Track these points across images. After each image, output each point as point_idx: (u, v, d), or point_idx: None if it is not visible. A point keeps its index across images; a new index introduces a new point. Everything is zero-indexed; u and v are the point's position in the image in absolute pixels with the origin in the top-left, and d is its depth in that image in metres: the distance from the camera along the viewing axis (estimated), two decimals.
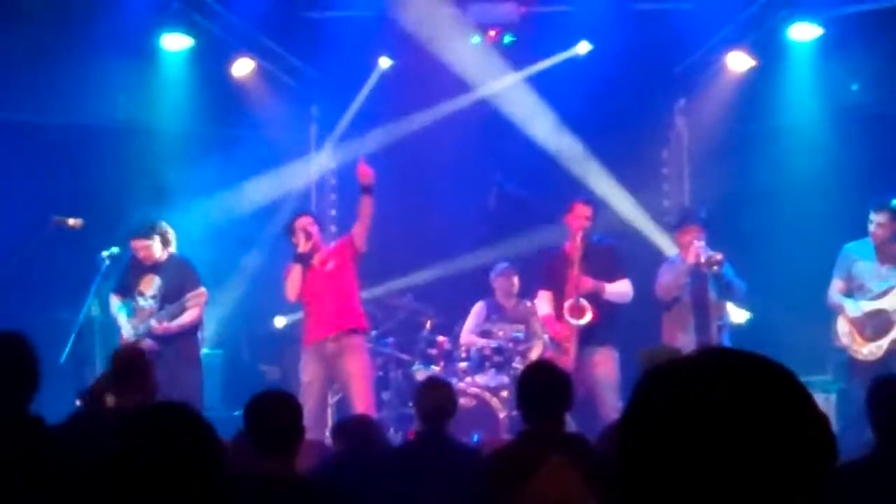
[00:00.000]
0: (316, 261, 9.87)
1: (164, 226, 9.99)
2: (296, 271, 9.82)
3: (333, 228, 12.58)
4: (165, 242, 9.92)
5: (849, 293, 9.81)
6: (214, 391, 11.27)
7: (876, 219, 9.61)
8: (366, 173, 9.78)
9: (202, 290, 9.80)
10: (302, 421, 5.08)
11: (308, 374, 9.82)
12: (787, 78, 11.52)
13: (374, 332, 11.07)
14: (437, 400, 6.38)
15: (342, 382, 9.92)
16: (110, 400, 6.46)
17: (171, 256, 9.96)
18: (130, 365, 6.59)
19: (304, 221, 9.98)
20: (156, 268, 9.90)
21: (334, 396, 10.70)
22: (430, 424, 6.33)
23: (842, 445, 1.67)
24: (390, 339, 11.41)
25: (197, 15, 10.72)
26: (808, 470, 1.52)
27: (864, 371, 9.18)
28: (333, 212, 12.80)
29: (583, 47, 11.83)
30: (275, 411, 4.97)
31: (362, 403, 9.47)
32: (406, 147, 12.22)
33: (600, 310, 9.95)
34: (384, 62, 12.20)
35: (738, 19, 11.07)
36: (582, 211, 10.12)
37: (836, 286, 9.86)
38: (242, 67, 11.54)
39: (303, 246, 9.81)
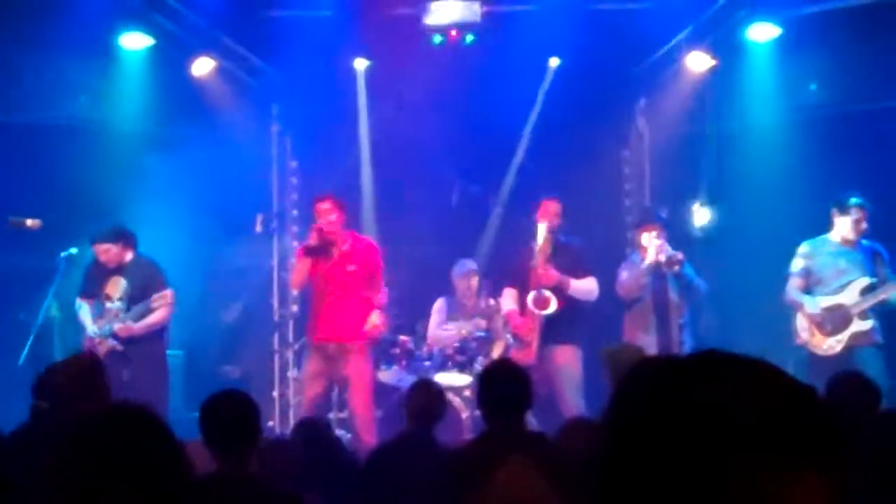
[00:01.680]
0: (335, 253, 9.62)
1: (126, 228, 9.96)
2: (303, 265, 9.61)
3: (295, 228, 12.54)
4: (127, 245, 9.88)
5: (807, 289, 9.88)
6: (176, 392, 11.22)
7: (853, 214, 9.71)
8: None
9: (168, 291, 9.74)
10: (259, 420, 5.07)
11: (311, 368, 9.73)
12: (746, 78, 11.57)
13: None
14: (425, 402, 6.46)
15: (345, 380, 9.72)
16: None
17: (135, 258, 9.93)
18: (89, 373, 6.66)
19: (321, 207, 9.66)
20: (120, 270, 9.87)
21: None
22: (417, 425, 6.42)
23: None
24: None
25: (156, 14, 10.66)
26: (821, 462, 1.47)
27: (823, 366, 9.23)
28: (295, 212, 12.72)
29: (553, 62, 11.98)
30: (230, 411, 4.96)
31: (364, 404, 9.48)
32: (368, 146, 12.24)
33: (564, 306, 9.98)
34: (360, 63, 12.22)
35: (698, 19, 11.10)
36: (551, 207, 10.17)
37: (795, 283, 9.92)
38: (202, 66, 11.47)
39: (313, 238, 9.55)
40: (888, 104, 11.19)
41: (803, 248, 9.94)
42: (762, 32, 10.83)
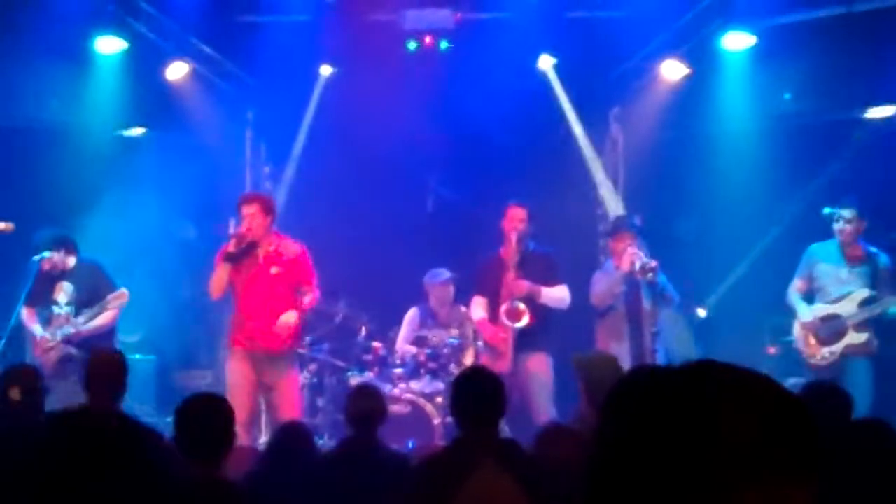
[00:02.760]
0: (260, 253, 9.41)
1: (66, 235, 9.94)
2: (222, 271, 9.36)
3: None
4: (69, 251, 9.87)
5: (809, 294, 9.86)
6: (147, 397, 11.19)
7: (844, 215, 9.67)
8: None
9: (123, 290, 9.70)
10: (233, 425, 5.04)
11: (236, 375, 9.46)
12: (720, 86, 11.57)
13: (308, 338, 10.97)
14: (365, 406, 6.43)
15: (270, 388, 9.50)
16: (14, 394, 6.52)
17: (79, 262, 9.91)
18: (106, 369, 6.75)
19: (245, 210, 9.40)
20: (65, 275, 9.85)
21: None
22: (359, 430, 6.39)
23: None
24: (325, 345, 11.32)
25: (131, 18, 10.62)
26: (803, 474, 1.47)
27: (815, 375, 9.22)
28: None
29: (545, 62, 12.01)
30: (205, 415, 4.94)
31: (292, 410, 9.33)
32: (343, 151, 12.21)
33: (535, 315, 9.95)
34: (325, 70, 12.22)
35: (673, 28, 11.12)
36: (516, 213, 10.12)
37: (796, 285, 9.90)
38: (177, 71, 11.44)
39: (232, 244, 9.31)
40: (862, 114, 11.24)
41: (810, 251, 9.91)
42: (737, 41, 10.84)
